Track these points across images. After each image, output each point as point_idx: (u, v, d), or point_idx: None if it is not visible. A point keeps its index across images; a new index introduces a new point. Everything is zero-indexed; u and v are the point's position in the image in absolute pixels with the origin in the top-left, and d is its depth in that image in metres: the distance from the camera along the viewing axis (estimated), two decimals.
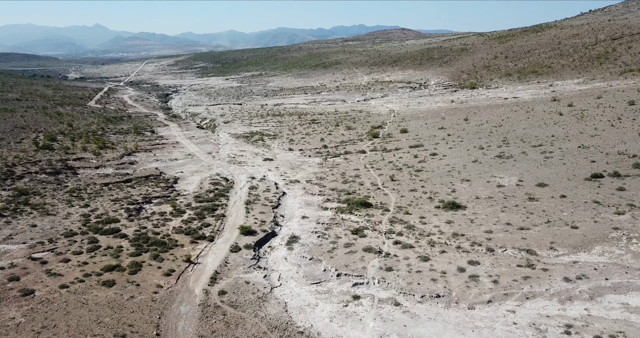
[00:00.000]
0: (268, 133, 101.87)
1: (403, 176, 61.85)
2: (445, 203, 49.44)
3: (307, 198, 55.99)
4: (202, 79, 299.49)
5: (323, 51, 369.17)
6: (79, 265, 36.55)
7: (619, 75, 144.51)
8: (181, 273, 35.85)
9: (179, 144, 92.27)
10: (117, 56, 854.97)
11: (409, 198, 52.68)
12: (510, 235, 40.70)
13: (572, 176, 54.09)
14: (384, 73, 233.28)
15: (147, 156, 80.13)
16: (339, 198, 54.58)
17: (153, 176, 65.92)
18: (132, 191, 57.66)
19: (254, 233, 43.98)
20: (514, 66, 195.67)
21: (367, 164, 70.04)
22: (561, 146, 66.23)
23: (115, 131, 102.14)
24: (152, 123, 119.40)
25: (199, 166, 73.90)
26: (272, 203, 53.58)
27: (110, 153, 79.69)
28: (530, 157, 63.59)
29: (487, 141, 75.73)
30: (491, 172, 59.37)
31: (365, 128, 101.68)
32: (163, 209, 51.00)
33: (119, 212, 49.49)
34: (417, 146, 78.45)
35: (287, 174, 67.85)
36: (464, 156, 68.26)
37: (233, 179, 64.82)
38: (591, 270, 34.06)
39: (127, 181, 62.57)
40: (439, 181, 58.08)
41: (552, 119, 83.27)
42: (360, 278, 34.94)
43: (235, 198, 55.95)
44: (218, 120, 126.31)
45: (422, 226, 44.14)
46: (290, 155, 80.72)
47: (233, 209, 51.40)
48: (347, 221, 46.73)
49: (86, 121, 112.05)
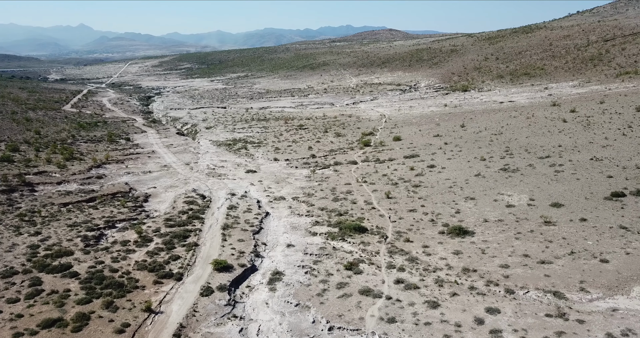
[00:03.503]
0: (252, 140, 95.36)
1: (400, 192, 55.74)
2: (450, 227, 43.38)
3: (293, 219, 49.64)
4: (187, 80, 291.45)
5: (310, 52, 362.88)
6: (10, 319, 29.72)
7: (615, 77, 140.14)
8: (137, 329, 29.23)
9: (155, 153, 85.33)
10: (102, 56, 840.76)
11: (409, 221, 46.56)
12: (531, 271, 34.72)
13: (589, 195, 48.35)
14: (372, 75, 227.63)
15: (118, 168, 73.14)
16: (330, 220, 48.31)
17: (121, 193, 59.07)
18: (94, 213, 50.77)
19: (230, 269, 37.50)
20: (506, 68, 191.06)
21: (360, 177, 63.88)
22: (571, 157, 60.55)
23: (87, 139, 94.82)
24: (129, 129, 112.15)
25: (174, 179, 67.19)
26: (254, 227, 47.13)
27: (77, 165, 72.53)
28: (538, 171, 57.80)
29: (488, 151, 69.95)
30: (497, 188, 53.50)
31: (355, 134, 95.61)
32: (127, 236, 44.26)
33: (75, 241, 42.66)
34: (413, 156, 72.47)
35: (272, 189, 61.47)
36: (465, 169, 62.38)
37: (211, 197, 58.24)
38: (636, 321, 28.17)
39: (90, 200, 55.66)
40: (440, 199, 52.07)
41: (556, 126, 77.73)
42: (357, 333, 28.66)
43: (211, 220, 49.39)
44: (200, 125, 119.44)
45: (426, 258, 38.02)
46: (275, 166, 74.35)
47: (208, 236, 44.86)
48: (340, 251, 40.46)
49: (57, 128, 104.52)
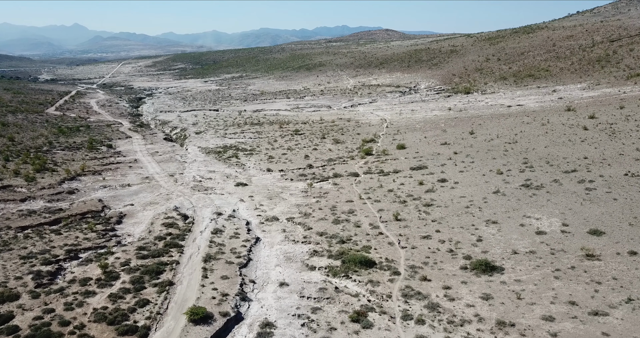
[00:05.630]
0: (244, 147, 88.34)
1: (409, 213, 48.84)
2: (474, 262, 36.49)
3: (287, 247, 42.67)
4: (180, 81, 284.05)
5: (306, 52, 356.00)
6: None
7: (625, 80, 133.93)
8: None
9: (137, 163, 78.13)
10: (96, 56, 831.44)
11: (423, 251, 39.67)
12: (583, 327, 27.90)
13: (633, 220, 41.58)
14: (370, 76, 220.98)
15: (94, 180, 65.93)
16: (330, 249, 41.38)
17: (92, 212, 51.88)
18: (56, 241, 43.61)
19: (210, 319, 30.45)
20: (509, 69, 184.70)
21: (363, 193, 56.95)
22: (602, 172, 53.77)
23: (65, 146, 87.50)
24: (113, 135, 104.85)
25: (155, 194, 60.10)
26: (240, 258, 40.08)
27: (48, 177, 65.32)
28: (566, 188, 50.99)
29: (504, 162, 63.16)
30: (522, 209, 46.66)
31: (355, 141, 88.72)
32: (89, 272, 37.15)
33: (25, 280, 35.54)
34: (420, 168, 65.62)
35: (264, 206, 54.47)
36: (481, 184, 55.53)
37: (194, 217, 51.19)
38: None
39: (54, 222, 48.46)
40: (457, 223, 45.20)
41: (577, 134, 70.99)
42: None
43: (192, 249, 42.37)
44: (189, 130, 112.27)
45: (450, 305, 31.12)
46: (268, 178, 67.38)
47: (186, 271, 37.82)
48: (344, 294, 33.51)
49: (34, 133, 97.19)
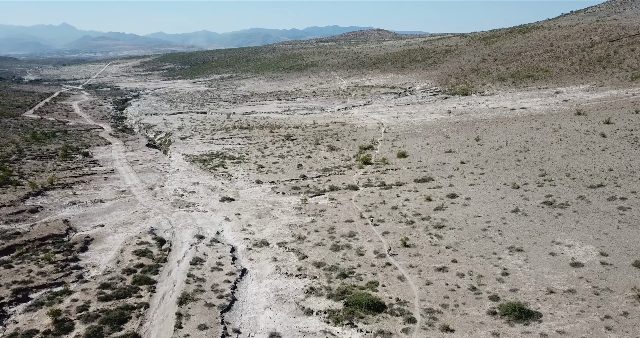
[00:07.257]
0: (232, 155, 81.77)
1: (419, 236, 42.57)
2: (504, 305, 30.20)
3: (279, 282, 36.23)
4: (168, 82, 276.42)
5: (298, 52, 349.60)
6: None
7: (630, 81, 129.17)
8: None
9: (114, 173, 71.28)
10: (84, 56, 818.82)
11: (440, 289, 33.38)
12: None
13: None
14: (364, 77, 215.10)
15: (63, 195, 59.04)
16: (330, 285, 34.99)
17: (54, 237, 45.04)
18: (5, 276, 36.74)
19: None
20: (506, 70, 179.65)
21: (364, 211, 50.59)
22: (633, 188, 47.79)
23: (36, 155, 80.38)
24: (91, 141, 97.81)
25: (130, 212, 53.37)
26: (223, 298, 33.55)
27: (11, 192, 58.31)
28: (595, 206, 44.95)
29: (518, 174, 57.11)
30: (548, 233, 40.56)
31: (352, 148, 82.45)
32: (36, 321, 30.47)
33: None
34: (426, 180, 59.43)
35: (252, 227, 47.96)
36: (496, 201, 49.40)
37: (171, 241, 44.58)
38: None
39: (7, 251, 41.48)
40: (476, 250, 38.99)
41: (595, 142, 65.13)
42: None
43: (166, 285, 35.79)
44: (174, 135, 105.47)
45: None
46: (258, 191, 60.90)
47: (156, 318, 31.25)
48: None
49: (4, 140, 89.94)
